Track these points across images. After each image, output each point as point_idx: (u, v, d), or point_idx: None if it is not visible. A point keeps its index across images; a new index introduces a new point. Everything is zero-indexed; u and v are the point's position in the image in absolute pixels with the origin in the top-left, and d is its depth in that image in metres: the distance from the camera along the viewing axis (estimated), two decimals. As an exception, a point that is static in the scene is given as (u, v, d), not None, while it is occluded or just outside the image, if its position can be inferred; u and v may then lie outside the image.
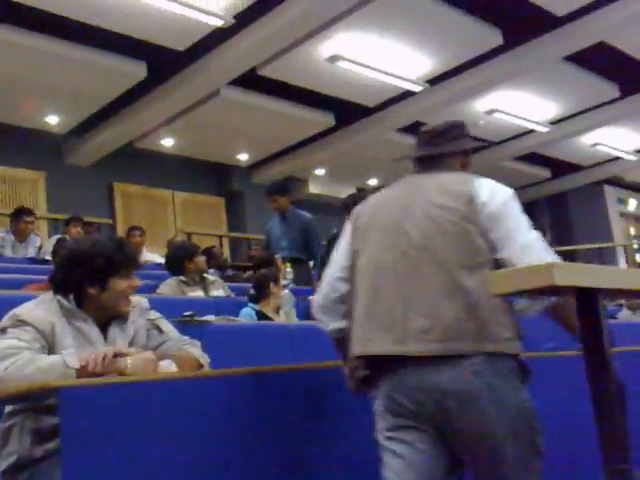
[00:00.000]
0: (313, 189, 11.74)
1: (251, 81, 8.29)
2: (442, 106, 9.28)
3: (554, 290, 1.30)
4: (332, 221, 12.22)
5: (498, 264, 1.71)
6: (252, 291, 4.17)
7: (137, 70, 7.74)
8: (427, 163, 2.00)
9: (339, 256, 1.99)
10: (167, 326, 2.18)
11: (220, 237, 10.29)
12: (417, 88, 8.58)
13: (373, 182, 12.32)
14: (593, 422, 1.24)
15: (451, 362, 1.64)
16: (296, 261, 5.70)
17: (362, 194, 4.68)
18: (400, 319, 1.71)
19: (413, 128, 10.20)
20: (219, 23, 6.73)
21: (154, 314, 2.18)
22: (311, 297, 4.73)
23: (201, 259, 4.64)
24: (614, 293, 1.50)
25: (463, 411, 1.64)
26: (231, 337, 3.02)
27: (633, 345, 3.32)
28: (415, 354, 1.68)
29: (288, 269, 5.56)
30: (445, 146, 1.98)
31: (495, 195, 1.82)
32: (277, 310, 4.17)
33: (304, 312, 4.12)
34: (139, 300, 2.15)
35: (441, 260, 1.71)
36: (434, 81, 8.57)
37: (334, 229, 5.57)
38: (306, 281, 5.53)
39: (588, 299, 1.34)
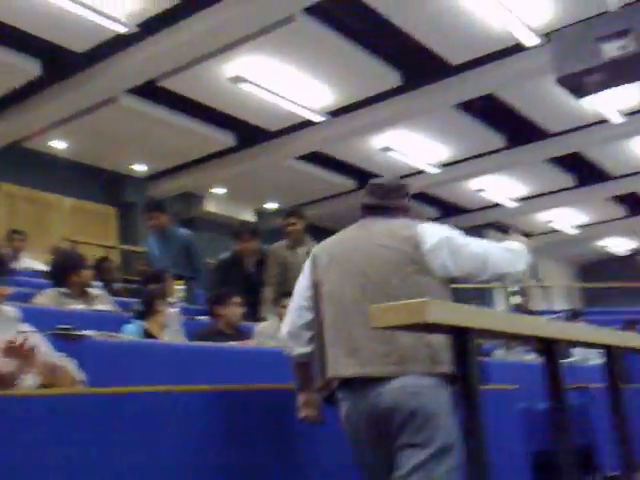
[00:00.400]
0: (210, 207, 11.62)
1: (152, 92, 8.14)
2: (341, 138, 9.54)
3: (429, 327, 1.35)
4: (227, 241, 12.22)
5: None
6: (139, 307, 4.03)
7: (30, 67, 7.39)
8: (378, 211, 2.29)
9: (301, 288, 2.27)
10: (38, 341, 2.05)
11: (109, 248, 9.91)
12: (318, 118, 8.75)
13: (272, 205, 12.36)
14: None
15: (405, 380, 1.94)
16: (181, 279, 5.59)
17: (254, 228, 5.15)
18: (364, 345, 1.99)
19: (312, 157, 10.40)
20: (122, 30, 6.57)
21: (24, 327, 2.05)
22: (199, 317, 4.67)
23: (88, 273, 4.43)
24: (487, 333, 1.59)
25: (412, 423, 1.92)
26: (112, 354, 2.89)
27: (503, 384, 3.50)
28: (376, 375, 1.97)
29: (180, 287, 5.43)
30: (396, 200, 2.30)
31: (434, 235, 2.16)
32: (163, 328, 4.04)
33: (192, 332, 4.04)
34: (7, 310, 2.02)
35: (395, 295, 1.92)
36: (335, 113, 8.78)
37: (227, 253, 5.54)
38: (190, 299, 5.44)
39: (460, 337, 1.41)
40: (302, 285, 2.25)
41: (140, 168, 10.47)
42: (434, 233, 2.15)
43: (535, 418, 3.52)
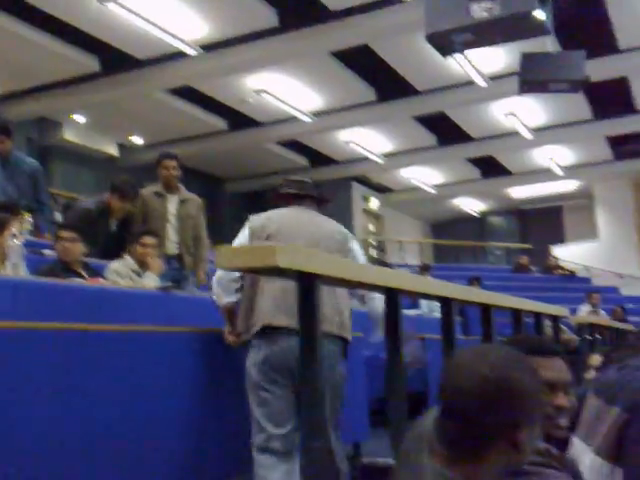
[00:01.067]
0: (69, 136, 10.88)
1: (9, 4, 7.40)
2: (214, 75, 9.26)
3: (278, 271, 1.34)
4: (86, 174, 11.62)
5: None
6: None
7: None
8: (307, 201, 2.84)
9: (238, 246, 2.49)
10: None
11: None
12: (191, 51, 8.39)
13: (137, 140, 11.82)
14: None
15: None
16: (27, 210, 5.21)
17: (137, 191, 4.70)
18: (294, 303, 2.43)
19: (183, 92, 10.02)
20: None
21: None
22: (46, 251, 4.40)
23: None
24: (334, 280, 1.61)
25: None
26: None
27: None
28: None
29: (29, 219, 5.06)
30: (318, 195, 2.91)
31: (353, 238, 2.87)
32: (3, 261, 3.78)
33: (36, 268, 3.81)
34: None
35: None
36: (209, 47, 8.45)
37: (91, 203, 5.16)
38: (36, 232, 5.10)
39: (307, 283, 1.41)
40: (239, 244, 2.51)
41: (-8, 86, 9.58)
42: (352, 237, 2.86)
43: (376, 366, 3.70)
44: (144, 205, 4.73)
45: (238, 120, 11.10)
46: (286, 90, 9.88)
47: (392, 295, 1.79)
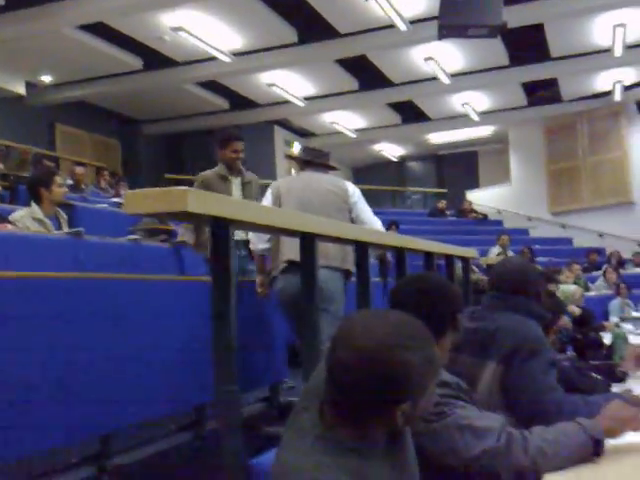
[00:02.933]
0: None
1: None
2: (128, 10, 8.83)
3: (190, 216, 1.33)
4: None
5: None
6: None
7: None
8: (315, 166, 3.61)
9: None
10: None
11: None
12: (103, -15, 7.95)
13: (46, 78, 11.18)
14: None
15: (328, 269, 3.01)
16: None
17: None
18: None
19: (96, 28, 9.51)
20: None
21: None
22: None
23: None
24: (246, 225, 1.61)
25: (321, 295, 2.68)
26: None
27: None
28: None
29: None
30: (326, 161, 3.73)
31: (355, 192, 3.53)
32: None
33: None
34: None
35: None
36: (122, -18, 8.04)
37: None
38: None
39: (220, 228, 1.41)
40: (266, 204, 3.27)
41: None
42: (355, 191, 3.52)
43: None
44: (206, 188, 4.14)
45: (154, 59, 10.68)
46: (205, 29, 9.54)
47: (308, 239, 1.81)
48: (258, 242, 3.34)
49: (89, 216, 5.11)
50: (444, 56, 10.88)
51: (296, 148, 15.91)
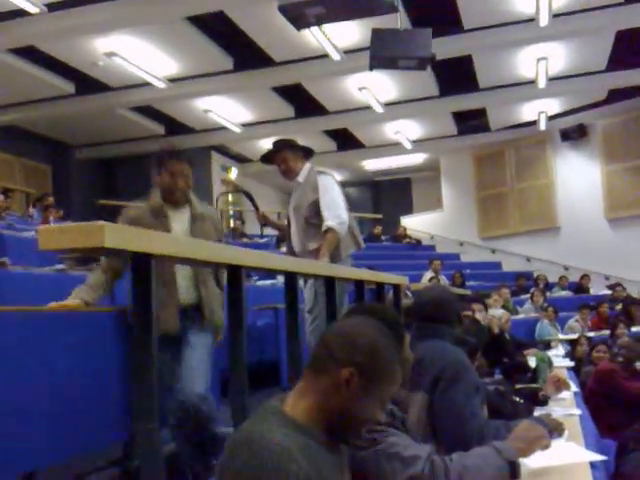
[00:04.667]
0: None
1: None
2: (61, 35, 8.70)
3: (108, 252, 1.32)
4: None
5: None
6: None
7: None
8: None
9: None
10: None
11: None
12: (34, 9, 7.79)
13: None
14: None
15: None
16: None
17: None
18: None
19: (27, 52, 9.30)
20: None
21: None
22: None
23: None
24: (169, 258, 1.61)
25: None
26: None
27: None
28: None
29: None
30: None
31: (321, 178, 3.79)
32: None
33: None
34: None
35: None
36: (53, 7, 7.91)
37: None
38: None
39: (142, 263, 1.40)
40: (341, 198, 3.87)
41: None
42: (321, 178, 3.83)
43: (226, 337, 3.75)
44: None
45: (87, 83, 10.51)
46: (139, 54, 9.48)
47: (235, 271, 1.82)
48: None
49: (16, 244, 4.94)
50: (377, 86, 11.14)
51: (234, 173, 15.89)
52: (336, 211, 3.66)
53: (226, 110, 12.07)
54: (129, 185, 13.70)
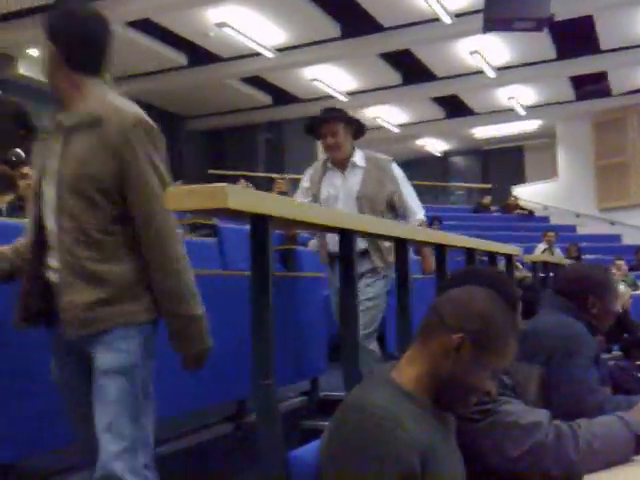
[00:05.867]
0: (24, 70, 10.48)
1: None
2: (174, 6, 8.96)
3: (230, 213, 1.35)
4: (40, 109, 11.17)
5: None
6: None
7: None
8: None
9: None
10: None
11: None
12: (149, -18, 8.09)
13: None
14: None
15: None
16: None
17: None
18: None
19: (143, 25, 9.67)
20: None
21: None
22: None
23: None
24: (285, 221, 1.63)
25: None
26: None
27: (314, 272, 3.70)
28: None
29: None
30: None
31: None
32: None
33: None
34: None
35: None
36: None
37: None
38: None
39: (259, 225, 1.43)
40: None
41: None
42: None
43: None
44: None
45: (199, 55, 10.81)
46: (249, 24, 9.61)
47: (346, 236, 1.82)
48: None
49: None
50: (490, 49, 10.73)
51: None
52: (419, 203, 3.42)
53: (332, 78, 12.05)
54: (237, 154, 14.07)
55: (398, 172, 3.33)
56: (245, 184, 8.53)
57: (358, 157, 3.27)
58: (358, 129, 3.32)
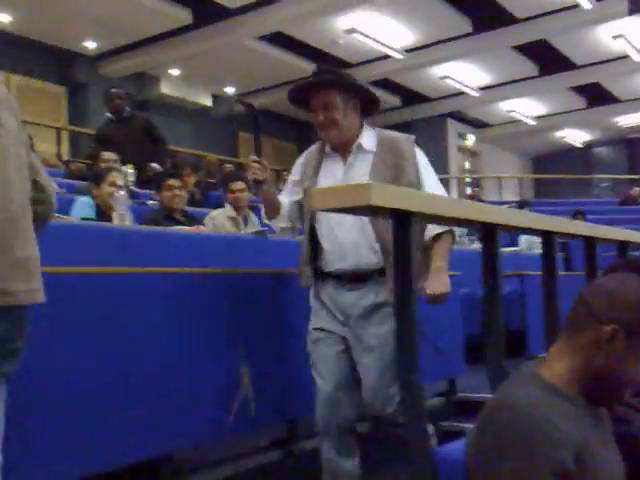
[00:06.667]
0: (166, 90, 11.23)
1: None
2: (305, 18, 9.19)
3: (372, 210, 1.37)
4: (183, 126, 11.93)
5: None
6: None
7: None
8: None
9: None
10: None
11: (58, 130, 9.59)
12: (281, -5, 8.36)
13: (230, 90, 12.00)
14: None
15: None
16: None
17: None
18: None
19: (273, 38, 10.02)
20: None
21: None
22: (150, 202, 4.62)
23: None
24: (429, 217, 1.61)
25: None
26: (60, 236, 2.84)
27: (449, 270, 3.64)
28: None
29: (130, 170, 5.33)
30: None
31: None
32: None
33: (143, 217, 4.01)
34: None
35: None
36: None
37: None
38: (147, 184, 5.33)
39: (402, 221, 1.43)
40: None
41: (91, 45, 9.97)
42: None
43: (473, 303, 3.70)
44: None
45: (328, 62, 11.00)
46: (377, 28, 9.67)
47: (490, 230, 1.77)
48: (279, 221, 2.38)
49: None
50: (636, 32, 10.03)
51: (471, 139, 15.55)
52: (444, 192, 2.43)
53: (463, 75, 11.82)
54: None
55: (421, 158, 2.35)
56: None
57: (366, 138, 2.32)
58: (369, 99, 2.35)
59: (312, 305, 2.30)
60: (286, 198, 2.41)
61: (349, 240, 2.20)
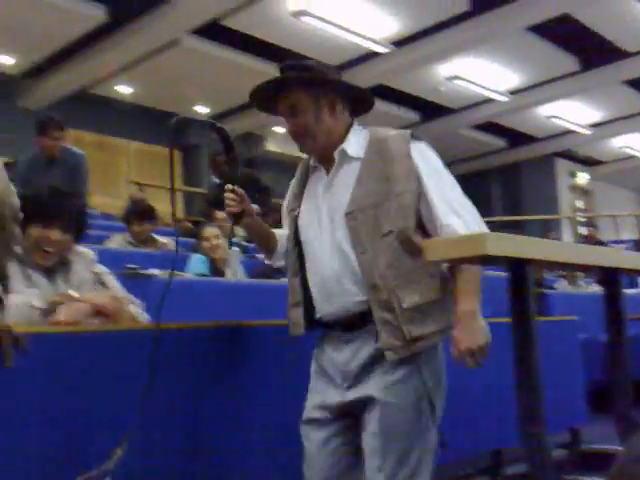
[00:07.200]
0: (272, 147, 11.68)
1: (214, 32, 8.14)
2: (406, 69, 9.32)
3: (485, 259, 1.36)
4: (288, 179, 12.21)
5: None
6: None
7: (96, 12, 7.52)
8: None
9: None
10: (112, 282, 2.10)
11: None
12: (382, 49, 8.54)
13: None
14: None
15: None
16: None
17: None
18: None
19: (376, 90, 10.21)
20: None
21: (100, 268, 2.10)
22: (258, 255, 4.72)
23: (148, 226, 4.55)
24: (546, 264, 1.58)
25: None
26: (176, 292, 2.95)
27: (564, 315, 3.50)
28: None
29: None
30: None
31: None
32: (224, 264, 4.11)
33: (254, 270, 4.12)
34: (85, 252, 2.10)
35: None
36: (399, 43, 8.55)
37: None
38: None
39: (518, 269, 1.41)
40: None
41: (203, 110, 10.58)
42: None
43: (594, 348, 3.53)
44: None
45: (430, 110, 11.06)
46: (479, 72, 9.65)
47: (611, 275, 1.71)
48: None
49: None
50: None
51: (583, 178, 14.98)
52: (469, 209, 1.77)
53: (572, 113, 11.49)
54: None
55: (421, 158, 1.78)
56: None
57: (353, 141, 1.79)
58: (354, 97, 1.84)
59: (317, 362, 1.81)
60: (282, 231, 1.93)
61: (328, 272, 1.71)
